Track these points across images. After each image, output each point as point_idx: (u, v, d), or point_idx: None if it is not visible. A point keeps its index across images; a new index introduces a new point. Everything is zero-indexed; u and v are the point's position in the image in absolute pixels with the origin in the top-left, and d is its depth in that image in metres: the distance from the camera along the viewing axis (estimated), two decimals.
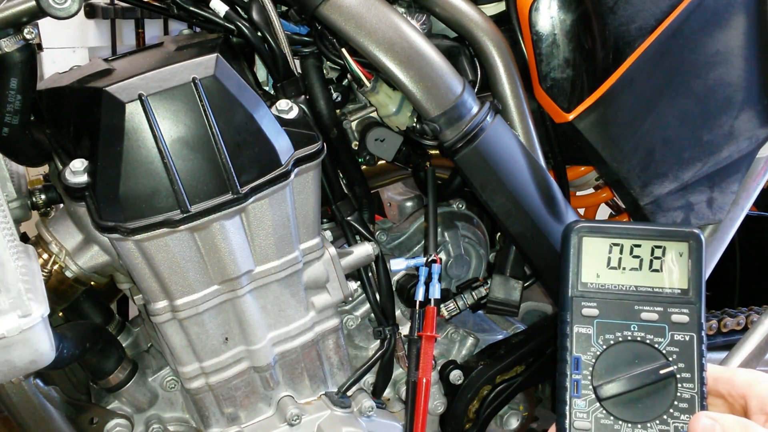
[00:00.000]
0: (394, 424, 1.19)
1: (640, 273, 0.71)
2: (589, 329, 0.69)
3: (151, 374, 1.17)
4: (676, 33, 1.15)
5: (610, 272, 0.71)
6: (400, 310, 1.27)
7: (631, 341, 0.69)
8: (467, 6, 1.12)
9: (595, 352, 0.69)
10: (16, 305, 0.84)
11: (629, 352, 0.69)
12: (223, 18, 1.05)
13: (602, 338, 0.69)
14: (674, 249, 0.70)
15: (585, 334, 0.69)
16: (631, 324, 0.69)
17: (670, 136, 1.20)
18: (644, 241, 0.71)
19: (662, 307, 0.69)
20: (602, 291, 0.71)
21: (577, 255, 0.71)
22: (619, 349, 0.69)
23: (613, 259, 0.71)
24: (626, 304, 0.70)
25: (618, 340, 0.69)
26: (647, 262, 0.71)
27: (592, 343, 0.69)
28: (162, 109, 0.91)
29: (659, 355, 0.68)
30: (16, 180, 1.10)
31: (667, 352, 0.68)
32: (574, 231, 0.71)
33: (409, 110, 1.14)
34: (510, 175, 1.11)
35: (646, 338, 0.69)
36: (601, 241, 0.71)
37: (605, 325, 0.69)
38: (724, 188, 1.27)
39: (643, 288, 0.70)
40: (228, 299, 1.02)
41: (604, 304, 0.70)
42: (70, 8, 0.91)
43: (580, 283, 0.71)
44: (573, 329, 0.70)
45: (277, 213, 0.99)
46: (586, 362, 0.68)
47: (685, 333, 0.68)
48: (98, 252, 1.08)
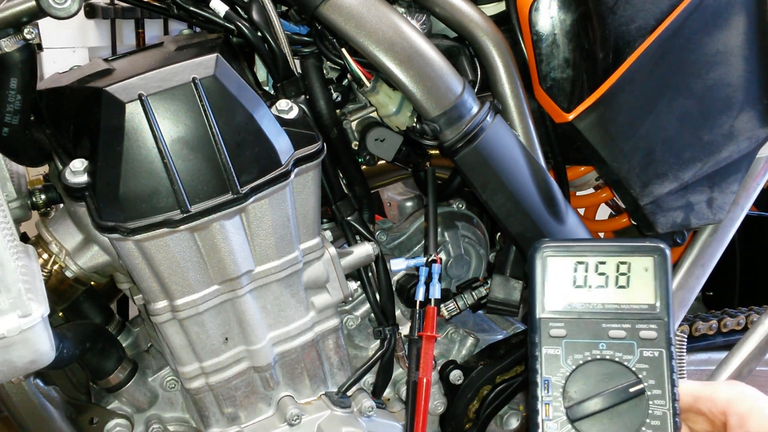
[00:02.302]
0: (394, 424, 1.19)
1: (607, 290, 0.70)
2: (557, 350, 0.68)
3: (151, 374, 1.17)
4: (676, 33, 1.15)
5: (577, 291, 0.70)
6: (400, 310, 1.27)
7: (600, 360, 0.68)
8: (467, 6, 1.12)
9: (564, 372, 0.68)
10: (16, 305, 0.84)
11: (599, 371, 0.68)
12: (223, 18, 1.05)
13: (571, 358, 0.68)
14: (639, 264, 0.70)
15: (554, 356, 0.68)
16: (599, 342, 0.68)
17: (670, 136, 1.20)
18: (609, 258, 0.70)
19: (630, 324, 0.68)
20: (569, 311, 0.70)
21: (543, 276, 0.70)
22: (589, 369, 0.68)
23: (578, 277, 0.70)
24: (594, 322, 0.69)
25: (587, 359, 0.68)
26: (613, 278, 0.70)
27: (561, 363, 0.68)
28: (162, 109, 0.91)
29: (629, 372, 0.67)
30: (16, 180, 1.10)
31: (637, 369, 0.67)
32: (539, 252, 0.70)
33: (409, 110, 1.14)
34: (510, 175, 1.11)
35: (615, 356, 0.68)
36: (565, 261, 0.71)
37: (573, 345, 0.68)
38: (724, 188, 1.27)
39: (610, 305, 0.69)
40: (228, 299, 1.02)
41: (571, 323, 0.69)
42: (70, 8, 0.91)
43: (547, 304, 0.70)
44: (542, 351, 0.68)
45: (277, 213, 0.99)
46: (556, 384, 0.67)
47: (654, 349, 0.67)
48: (98, 252, 1.08)
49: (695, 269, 1.36)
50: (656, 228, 1.23)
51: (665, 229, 1.24)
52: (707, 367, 1.53)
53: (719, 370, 1.44)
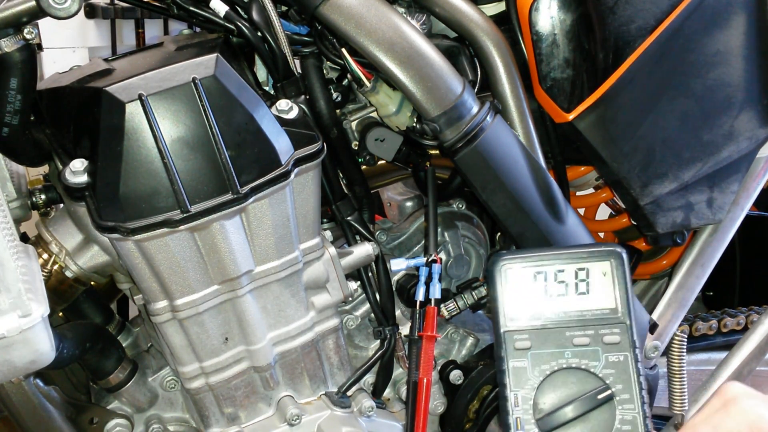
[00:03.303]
0: (394, 424, 1.19)
1: (567, 298, 0.70)
2: (524, 362, 0.68)
3: (151, 374, 1.17)
4: (676, 33, 1.15)
5: (538, 301, 0.70)
6: (400, 310, 1.27)
7: (566, 369, 0.68)
8: (467, 6, 1.12)
9: (532, 384, 0.67)
10: (16, 305, 0.84)
11: (566, 380, 0.67)
12: (223, 18, 1.05)
13: (538, 369, 0.68)
14: (597, 269, 0.69)
15: (521, 368, 0.68)
16: (564, 351, 0.68)
17: (670, 136, 1.20)
18: (567, 265, 0.70)
19: (593, 330, 0.68)
20: (533, 321, 0.69)
21: (503, 289, 0.70)
22: (556, 379, 0.67)
23: (538, 287, 0.70)
24: (558, 331, 0.69)
25: (553, 369, 0.68)
26: (573, 285, 0.70)
27: (529, 375, 0.68)
28: (162, 109, 0.91)
29: (596, 379, 0.67)
30: (16, 180, 1.10)
31: (604, 375, 0.67)
32: (497, 265, 0.70)
33: (409, 110, 1.14)
34: (510, 175, 1.11)
35: (581, 363, 0.67)
36: (524, 271, 0.70)
37: (539, 355, 0.68)
38: (724, 188, 1.27)
39: (572, 312, 0.69)
40: (228, 299, 1.02)
41: (535, 334, 0.69)
42: (70, 8, 0.91)
43: (509, 316, 0.70)
44: (509, 364, 0.68)
45: (277, 213, 0.99)
46: (525, 396, 0.67)
47: (619, 353, 0.67)
48: (98, 252, 1.08)
49: (695, 269, 1.36)
50: (656, 228, 1.23)
51: (665, 229, 1.24)
52: (707, 367, 1.53)
53: (719, 370, 1.45)
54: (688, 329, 1.53)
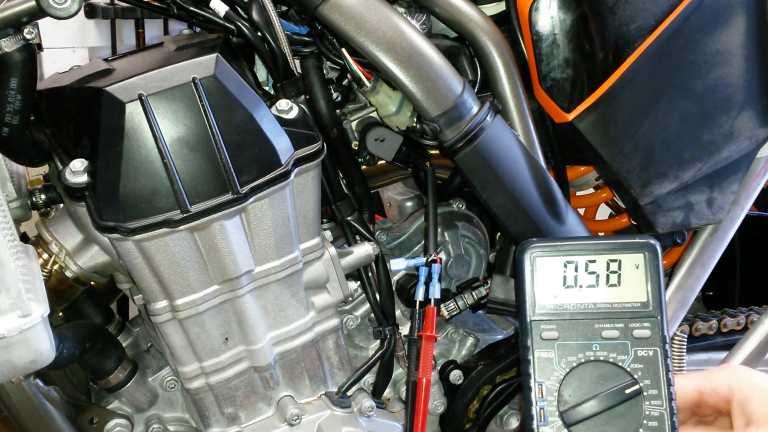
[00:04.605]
0: (394, 424, 1.19)
1: (598, 289, 0.68)
2: (550, 353, 0.67)
3: (151, 374, 1.17)
4: (676, 33, 1.15)
5: (567, 291, 0.69)
6: (400, 310, 1.27)
7: (593, 361, 0.66)
8: (467, 6, 1.12)
9: (558, 376, 0.66)
10: (16, 305, 0.84)
11: (593, 373, 0.66)
12: (223, 18, 1.05)
13: (564, 361, 0.67)
14: (630, 261, 0.68)
15: (547, 359, 0.67)
16: (592, 344, 0.67)
17: (670, 136, 1.20)
18: (598, 256, 0.69)
19: (623, 323, 0.67)
20: (561, 312, 0.68)
21: (532, 277, 0.69)
22: (583, 371, 0.66)
23: (568, 277, 0.69)
24: (586, 323, 0.68)
25: (580, 361, 0.67)
26: (604, 277, 0.69)
27: (555, 367, 0.67)
28: (162, 109, 0.91)
29: (624, 373, 0.66)
30: (16, 180, 1.10)
31: (632, 370, 0.66)
32: (527, 252, 0.69)
33: (409, 110, 1.14)
34: (510, 175, 1.11)
35: (609, 357, 0.66)
36: (554, 260, 0.69)
37: (566, 347, 0.67)
38: (724, 188, 1.27)
39: (601, 305, 0.68)
40: (228, 299, 1.02)
41: (563, 325, 0.68)
42: (70, 8, 0.91)
43: (537, 305, 0.68)
44: (534, 354, 0.67)
45: (277, 213, 0.99)
46: (550, 388, 0.66)
47: (649, 348, 0.66)
48: (98, 252, 1.08)
49: (695, 269, 1.36)
50: (656, 228, 1.23)
51: (665, 229, 1.24)
52: (707, 367, 1.53)
53: None
54: (688, 329, 1.54)
